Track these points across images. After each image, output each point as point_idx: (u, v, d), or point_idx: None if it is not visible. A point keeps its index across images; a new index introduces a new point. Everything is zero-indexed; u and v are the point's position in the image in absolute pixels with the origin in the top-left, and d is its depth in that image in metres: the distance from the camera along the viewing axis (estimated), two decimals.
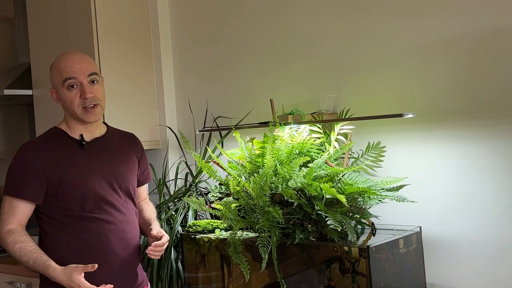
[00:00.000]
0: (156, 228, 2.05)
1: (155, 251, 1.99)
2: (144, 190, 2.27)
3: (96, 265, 1.84)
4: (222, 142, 2.79)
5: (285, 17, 2.64)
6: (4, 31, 3.68)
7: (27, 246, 1.90)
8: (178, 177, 2.89)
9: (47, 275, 1.87)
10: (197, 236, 2.38)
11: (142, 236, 2.49)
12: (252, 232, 2.25)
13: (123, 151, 2.11)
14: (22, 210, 1.95)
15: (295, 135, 2.32)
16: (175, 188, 2.88)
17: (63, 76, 1.95)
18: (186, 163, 2.87)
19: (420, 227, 2.26)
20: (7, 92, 3.07)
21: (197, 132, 2.80)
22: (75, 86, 1.94)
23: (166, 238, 2.02)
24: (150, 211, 2.20)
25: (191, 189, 2.76)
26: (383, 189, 2.17)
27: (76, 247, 1.94)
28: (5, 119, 3.66)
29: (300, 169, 2.20)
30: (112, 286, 1.87)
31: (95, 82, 1.98)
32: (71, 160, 1.98)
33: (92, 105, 1.95)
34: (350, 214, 2.16)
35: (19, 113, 3.71)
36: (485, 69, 2.14)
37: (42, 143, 2.01)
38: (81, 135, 2.01)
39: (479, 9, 2.14)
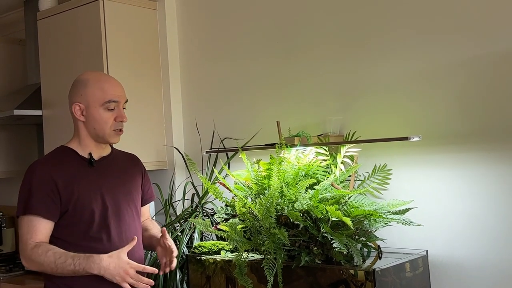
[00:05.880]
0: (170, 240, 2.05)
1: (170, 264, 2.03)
2: (147, 210, 2.29)
3: (136, 239, 1.89)
4: (228, 163, 2.79)
5: (292, 40, 2.67)
6: (15, 52, 3.73)
7: (59, 250, 1.88)
8: (184, 198, 2.89)
9: (91, 267, 1.82)
10: (202, 258, 2.38)
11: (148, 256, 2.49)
12: (257, 254, 2.24)
13: (128, 170, 2.15)
14: (43, 228, 1.93)
15: (301, 157, 2.32)
16: (184, 208, 2.88)
17: (107, 97, 2.00)
18: (192, 184, 2.88)
19: (427, 251, 2.24)
20: (17, 112, 3.10)
21: (204, 153, 2.81)
22: (112, 109, 2.01)
23: (176, 252, 2.03)
24: (155, 229, 2.20)
25: (197, 210, 2.76)
26: (389, 212, 2.16)
27: None
28: (15, 138, 3.69)
29: (306, 191, 2.20)
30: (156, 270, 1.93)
31: (125, 109, 2.08)
32: (81, 177, 2.00)
33: (120, 129, 2.04)
34: (356, 237, 2.15)
35: (28, 133, 3.74)
36: (491, 93, 2.14)
37: (52, 160, 2.03)
38: (90, 154, 2.04)
39: (486, 34, 2.15)
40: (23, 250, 1.91)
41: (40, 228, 1.93)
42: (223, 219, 2.41)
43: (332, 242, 2.02)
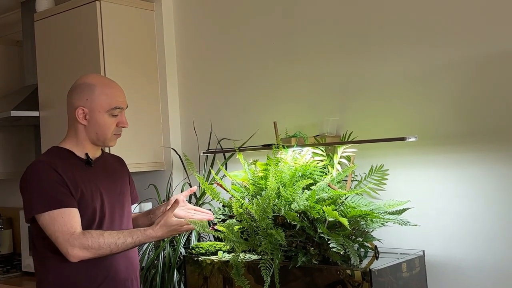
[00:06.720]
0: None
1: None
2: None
3: (178, 201, 2.05)
4: (225, 164, 2.80)
5: (289, 41, 2.67)
6: (12, 53, 3.73)
7: (112, 231, 1.93)
8: None
9: (149, 240, 1.96)
10: (200, 258, 2.38)
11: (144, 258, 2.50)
12: (254, 255, 2.25)
13: (118, 171, 2.18)
14: (76, 216, 1.92)
15: (298, 158, 2.33)
16: None
17: (113, 104, 2.01)
18: (190, 184, 2.88)
19: (423, 251, 2.25)
20: (14, 113, 3.11)
21: (201, 154, 2.82)
22: (116, 115, 2.04)
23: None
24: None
25: None
26: (386, 212, 2.17)
27: (82, 266, 1.94)
28: (12, 140, 3.69)
29: (303, 191, 2.20)
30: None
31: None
32: (81, 175, 2.00)
33: (119, 133, 2.08)
34: (353, 237, 2.15)
35: (25, 134, 3.75)
36: (486, 93, 2.15)
37: (51, 159, 2.00)
38: (87, 154, 2.05)
39: (480, 35, 2.16)
40: (70, 240, 1.87)
41: (75, 217, 1.91)
42: (220, 220, 2.42)
43: (329, 242, 2.02)
